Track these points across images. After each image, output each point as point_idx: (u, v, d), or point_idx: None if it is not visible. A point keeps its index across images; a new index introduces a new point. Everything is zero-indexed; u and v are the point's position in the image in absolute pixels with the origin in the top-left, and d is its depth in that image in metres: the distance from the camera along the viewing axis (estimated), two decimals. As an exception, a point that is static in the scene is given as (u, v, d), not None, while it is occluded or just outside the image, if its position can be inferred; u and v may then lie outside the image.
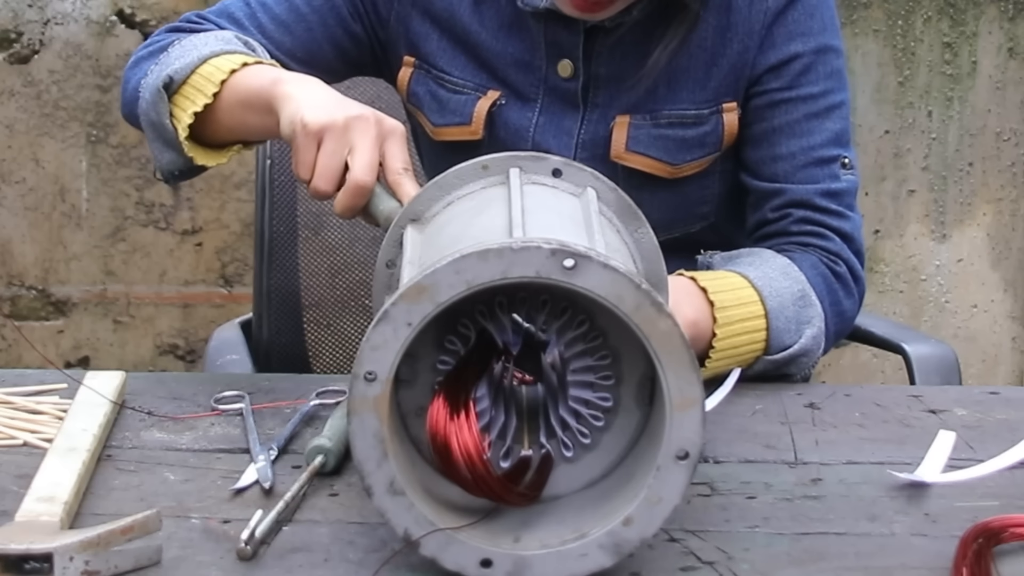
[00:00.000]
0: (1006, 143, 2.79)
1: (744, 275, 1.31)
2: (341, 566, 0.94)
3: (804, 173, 1.42)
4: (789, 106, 1.43)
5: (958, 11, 2.73)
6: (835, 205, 1.42)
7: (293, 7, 1.47)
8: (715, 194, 1.48)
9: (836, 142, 1.44)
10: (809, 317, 1.33)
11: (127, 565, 0.92)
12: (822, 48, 1.43)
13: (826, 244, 1.42)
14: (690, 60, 1.42)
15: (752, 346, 1.29)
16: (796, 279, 1.34)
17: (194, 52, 1.31)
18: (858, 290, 1.43)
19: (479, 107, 1.45)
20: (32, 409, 1.20)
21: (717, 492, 1.07)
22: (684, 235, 1.48)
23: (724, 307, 1.27)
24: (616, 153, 1.42)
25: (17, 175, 2.76)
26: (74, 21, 2.69)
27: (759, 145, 1.44)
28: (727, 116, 1.43)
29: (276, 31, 1.46)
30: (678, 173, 1.44)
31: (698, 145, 1.43)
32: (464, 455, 0.91)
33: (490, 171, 1.06)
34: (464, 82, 1.46)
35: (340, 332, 1.88)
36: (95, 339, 2.84)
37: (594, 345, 0.96)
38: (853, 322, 1.45)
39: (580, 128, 1.44)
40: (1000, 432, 1.19)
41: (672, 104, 1.42)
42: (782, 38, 1.42)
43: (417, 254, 1.01)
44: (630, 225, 1.08)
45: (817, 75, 1.43)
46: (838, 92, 1.45)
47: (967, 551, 0.93)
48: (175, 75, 1.29)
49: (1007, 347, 2.90)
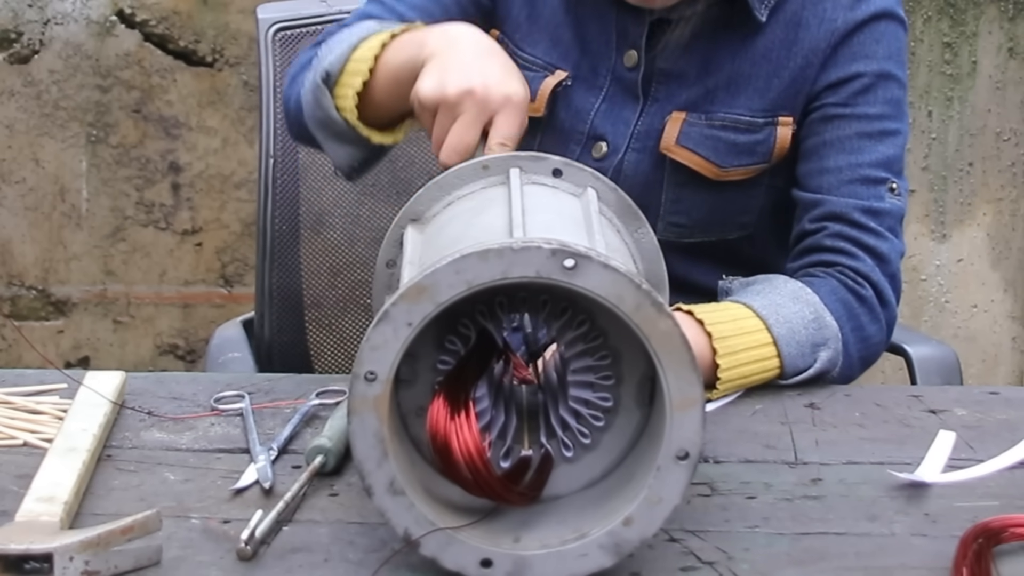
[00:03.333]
0: (1006, 143, 2.79)
1: (748, 305, 1.30)
2: (341, 566, 0.94)
3: (848, 188, 1.41)
4: (842, 122, 1.42)
5: (958, 11, 2.73)
6: (874, 223, 1.40)
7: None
8: (758, 206, 1.48)
9: (886, 166, 1.42)
10: (824, 339, 1.32)
11: (127, 565, 0.92)
12: (884, 74, 1.42)
13: (855, 264, 1.39)
14: (752, 68, 1.42)
15: (764, 373, 1.28)
16: (808, 302, 1.33)
17: (344, 43, 1.34)
18: (886, 315, 1.40)
19: (544, 85, 1.47)
20: (32, 409, 1.20)
21: (717, 492, 1.07)
22: (720, 241, 1.48)
23: (723, 337, 1.26)
24: (666, 145, 1.43)
25: (17, 175, 2.76)
26: (74, 21, 2.70)
27: (809, 158, 1.44)
28: (781, 129, 1.43)
29: (417, 17, 1.46)
30: (723, 176, 1.44)
31: (748, 152, 1.44)
32: (464, 455, 0.91)
33: (490, 171, 1.07)
34: (534, 59, 1.49)
35: (341, 331, 1.88)
36: (95, 339, 2.84)
37: (594, 345, 0.96)
38: (881, 348, 1.42)
39: (638, 119, 1.46)
40: (1000, 432, 1.19)
41: (729, 108, 1.43)
42: (845, 58, 1.42)
43: (417, 254, 1.01)
44: (630, 225, 1.08)
45: (876, 98, 1.42)
46: (895, 120, 1.43)
47: (967, 551, 0.93)
48: (331, 68, 1.32)
49: (1007, 347, 2.90)
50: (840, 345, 1.33)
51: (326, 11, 1.85)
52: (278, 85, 1.81)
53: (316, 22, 1.84)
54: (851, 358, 1.35)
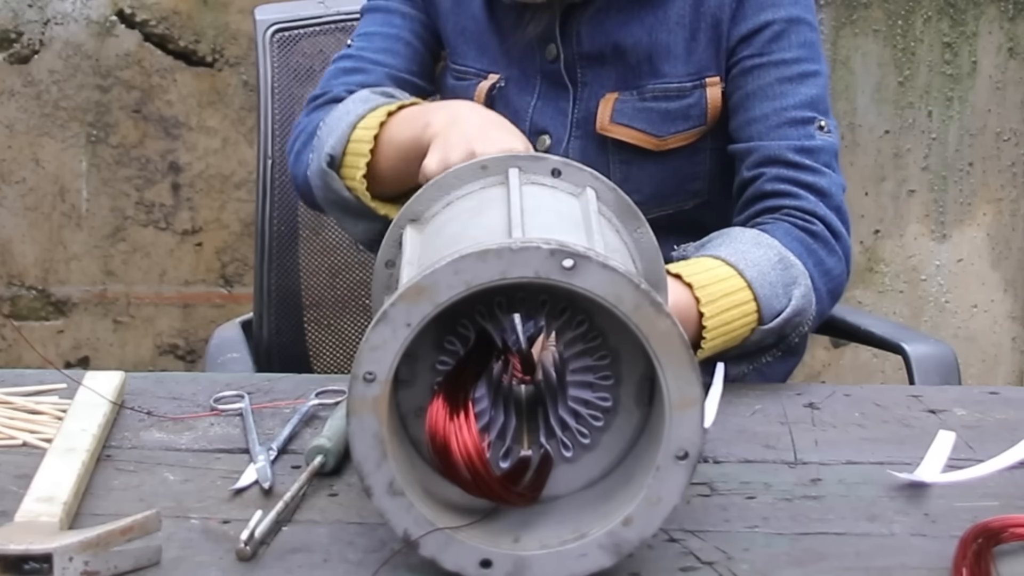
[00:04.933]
0: (1006, 143, 2.79)
1: (715, 255, 1.32)
2: (341, 566, 0.94)
3: (777, 132, 1.44)
4: (761, 71, 1.45)
5: (958, 11, 2.73)
6: (809, 161, 1.43)
7: (386, 34, 1.56)
8: (707, 171, 1.51)
9: (811, 106, 1.45)
10: (793, 277, 1.34)
11: (127, 565, 0.92)
12: (794, 19, 1.46)
13: (800, 203, 1.42)
14: (669, 35, 1.46)
15: (744, 319, 1.30)
16: (769, 245, 1.35)
17: (342, 122, 1.40)
18: (841, 247, 1.43)
19: (479, 89, 1.52)
20: (31, 409, 1.20)
21: (717, 492, 1.07)
22: (679, 212, 1.50)
23: (703, 286, 1.27)
24: (601, 125, 1.47)
25: (17, 175, 2.76)
26: (74, 21, 2.69)
27: (737, 112, 1.47)
28: (710, 90, 1.47)
29: (386, 58, 1.55)
30: (664, 145, 1.47)
31: (682, 117, 1.47)
32: (464, 455, 0.91)
33: (489, 171, 1.07)
34: (467, 68, 1.54)
35: (340, 332, 1.88)
36: (95, 339, 2.84)
37: (593, 345, 0.95)
38: (844, 279, 1.45)
39: (573, 107, 1.49)
40: (1000, 432, 1.19)
41: (656, 79, 1.46)
42: (752, 9, 1.45)
43: (416, 254, 1.01)
44: (629, 225, 1.08)
45: (789, 43, 1.46)
46: (812, 62, 1.47)
47: (967, 551, 0.93)
48: (333, 151, 1.38)
49: (1007, 347, 2.90)
50: (809, 282, 1.35)
51: (324, 12, 1.85)
52: (276, 86, 1.81)
53: (314, 23, 1.84)
54: (820, 292, 1.38)
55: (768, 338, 1.32)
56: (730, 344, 1.29)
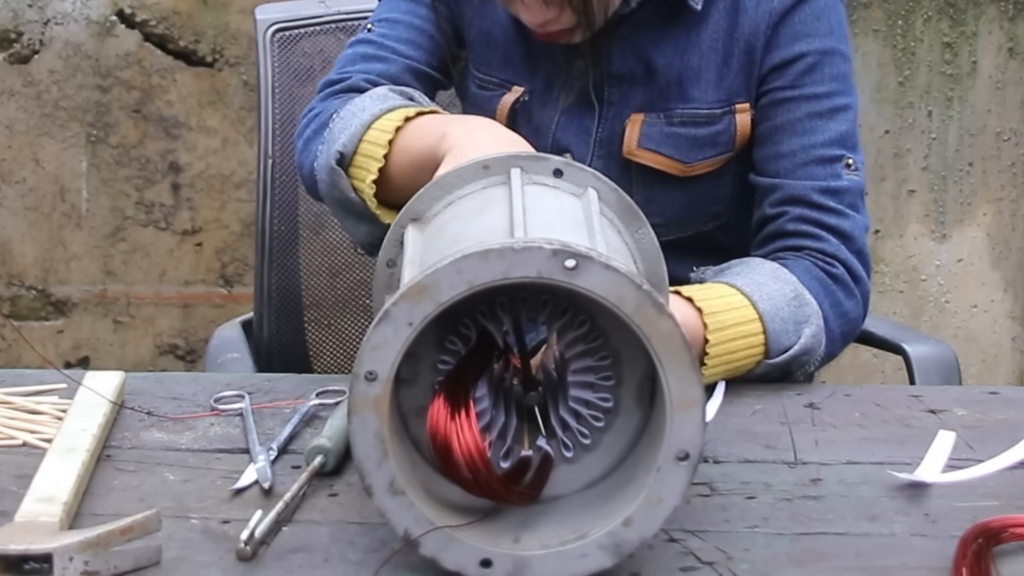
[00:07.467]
0: (1006, 143, 2.79)
1: (731, 283, 1.31)
2: (341, 566, 0.94)
3: (804, 170, 1.42)
4: (792, 104, 1.43)
5: (958, 11, 2.73)
6: (833, 203, 1.41)
7: (409, 24, 1.51)
8: (728, 195, 1.48)
9: (840, 143, 1.43)
10: (806, 316, 1.33)
11: (127, 565, 0.92)
12: (828, 51, 1.43)
13: (821, 246, 1.40)
14: (701, 60, 1.43)
15: (751, 351, 1.29)
16: (787, 281, 1.34)
17: (356, 120, 1.34)
18: (860, 291, 1.41)
19: (503, 102, 1.49)
20: (31, 409, 1.20)
21: (717, 492, 1.07)
22: (698, 234, 1.49)
23: (713, 312, 1.26)
24: (628, 150, 1.44)
25: (17, 175, 2.76)
26: (74, 21, 2.69)
27: (763, 143, 1.45)
28: (739, 116, 1.44)
29: (408, 49, 1.50)
30: (690, 171, 1.45)
31: (710, 144, 1.44)
32: (465, 455, 0.91)
33: (491, 171, 1.06)
34: (490, 78, 1.51)
35: (341, 332, 1.88)
36: (95, 339, 2.84)
37: (595, 346, 0.95)
38: (859, 323, 1.43)
39: (598, 126, 1.46)
40: (1000, 432, 1.19)
41: (685, 103, 1.44)
42: (787, 38, 1.42)
43: (418, 254, 1.01)
44: (631, 225, 1.08)
45: (822, 76, 1.43)
46: (844, 96, 1.44)
47: (967, 551, 0.92)
48: (344, 149, 1.33)
49: (1007, 347, 2.90)
50: (822, 322, 1.34)
51: (324, 12, 1.85)
52: (276, 86, 1.81)
53: (314, 23, 1.84)
54: (833, 334, 1.37)
55: (772, 372, 1.31)
56: (732, 374, 1.29)
